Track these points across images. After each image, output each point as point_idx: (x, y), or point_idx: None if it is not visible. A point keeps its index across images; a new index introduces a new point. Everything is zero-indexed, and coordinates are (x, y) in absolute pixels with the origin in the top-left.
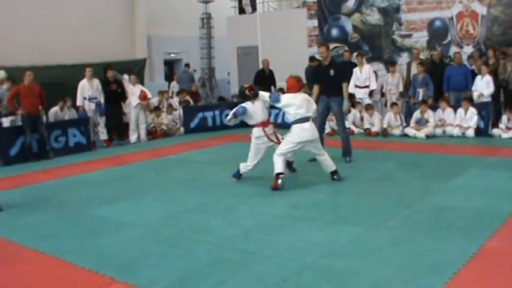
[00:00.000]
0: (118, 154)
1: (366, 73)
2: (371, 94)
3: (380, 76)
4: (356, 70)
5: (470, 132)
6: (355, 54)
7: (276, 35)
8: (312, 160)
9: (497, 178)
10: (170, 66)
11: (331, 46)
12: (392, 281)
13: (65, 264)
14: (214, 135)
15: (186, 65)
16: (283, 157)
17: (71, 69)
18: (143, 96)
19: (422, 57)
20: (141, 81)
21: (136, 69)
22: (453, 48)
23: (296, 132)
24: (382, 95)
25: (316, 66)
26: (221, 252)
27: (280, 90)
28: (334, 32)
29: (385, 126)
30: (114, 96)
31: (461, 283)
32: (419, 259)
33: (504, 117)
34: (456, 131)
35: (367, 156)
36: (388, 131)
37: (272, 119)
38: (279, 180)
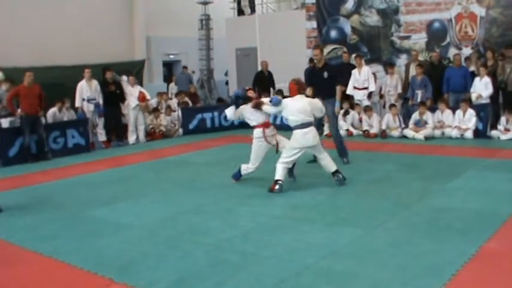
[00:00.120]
0: (117, 155)
1: (365, 75)
2: (370, 96)
3: (379, 78)
4: (355, 72)
5: (469, 134)
6: (353, 55)
7: (275, 37)
8: (310, 161)
9: (496, 180)
10: (169, 68)
11: (329, 47)
12: (391, 282)
13: (64, 265)
14: (212, 136)
15: (184, 67)
16: (287, 165)
17: (70, 70)
18: (142, 97)
19: (421, 58)
20: (140, 82)
21: (135, 70)
22: (452, 50)
23: (297, 139)
24: (380, 96)
25: (311, 69)
26: (220, 253)
27: (279, 91)
28: (333, 33)
29: (383, 127)
30: (113, 98)
31: (460, 284)
32: (418, 260)
33: (503, 119)
34: (455, 133)
35: (366, 158)
36: (387, 133)
37: (271, 120)
38: (277, 186)
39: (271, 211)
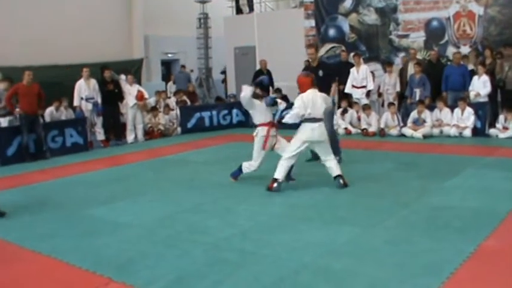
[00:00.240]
0: (115, 154)
1: (363, 73)
2: (368, 94)
3: (377, 76)
4: (353, 70)
5: (467, 132)
6: (352, 54)
7: (273, 35)
8: (309, 160)
9: (494, 178)
10: (167, 67)
11: (328, 46)
12: (389, 280)
13: (62, 264)
14: (211, 135)
15: (182, 66)
16: (291, 162)
17: (68, 69)
18: (140, 96)
19: (419, 57)
20: (138, 81)
21: (134, 69)
22: (450, 49)
23: (303, 131)
24: (379, 95)
25: (305, 67)
26: (218, 252)
27: (278, 90)
28: (331, 32)
29: (382, 126)
30: (111, 97)
31: (458, 283)
32: (416, 259)
33: (501, 117)
34: (453, 131)
35: (364, 157)
36: (385, 131)
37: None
38: (275, 184)
39: (270, 210)
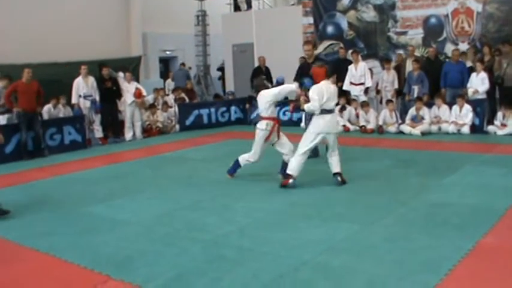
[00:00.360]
0: (113, 152)
1: (361, 70)
2: (366, 91)
3: (375, 73)
4: (351, 67)
5: (466, 129)
6: (350, 51)
7: (271, 32)
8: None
9: (493, 175)
10: (165, 64)
11: (326, 43)
12: (387, 277)
13: (61, 262)
14: (209, 132)
15: (182, 63)
16: (305, 157)
17: (66, 66)
18: (138, 93)
19: (418, 54)
20: (137, 78)
21: (132, 66)
22: (448, 46)
23: (317, 124)
24: (377, 92)
25: (302, 64)
26: (217, 249)
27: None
28: (330, 29)
29: (380, 123)
30: (110, 94)
31: (457, 280)
32: (414, 256)
33: (499, 114)
34: (451, 128)
35: (362, 154)
36: (384, 128)
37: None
38: (290, 180)
39: (268, 207)
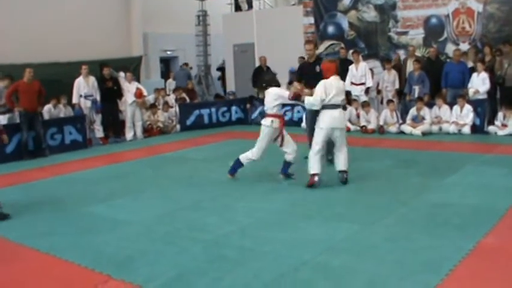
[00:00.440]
0: (114, 152)
1: (362, 70)
2: (367, 91)
3: (376, 73)
4: (352, 67)
5: (467, 129)
6: (351, 51)
7: (272, 32)
8: (307, 157)
9: (493, 175)
10: (166, 64)
11: (327, 43)
12: (388, 277)
13: (62, 262)
14: (210, 132)
15: (185, 63)
16: (320, 153)
17: (67, 66)
18: (139, 93)
19: (418, 54)
20: (137, 78)
21: (132, 66)
22: (449, 46)
23: (325, 119)
24: (378, 92)
25: (302, 63)
26: (218, 249)
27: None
28: (330, 29)
29: (381, 123)
30: (110, 94)
31: (458, 280)
32: (415, 256)
33: (500, 114)
34: (452, 128)
35: (363, 154)
36: (385, 128)
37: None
38: (316, 178)
39: (269, 207)
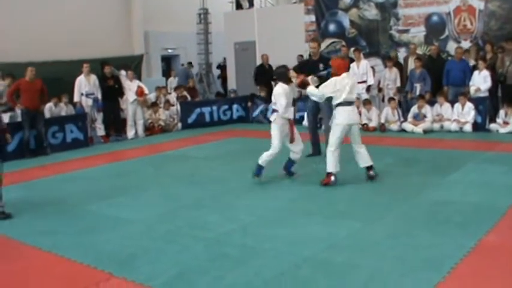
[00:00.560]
0: (115, 150)
1: (363, 68)
2: (368, 89)
3: (377, 71)
4: (353, 65)
5: (468, 127)
6: (352, 49)
7: (273, 30)
8: (309, 155)
9: (495, 173)
10: (167, 62)
11: (328, 41)
12: (389, 274)
13: (63, 260)
14: (211, 130)
15: (189, 63)
16: (337, 152)
17: (68, 65)
18: (140, 92)
19: (420, 52)
20: (139, 77)
21: (134, 64)
22: (451, 43)
23: (342, 116)
24: (379, 90)
25: (305, 61)
26: (219, 247)
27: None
28: (332, 27)
29: (382, 121)
30: (112, 92)
31: (459, 277)
32: (416, 253)
33: (502, 112)
34: (454, 126)
35: None
36: (386, 126)
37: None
38: (332, 178)
39: (270, 205)
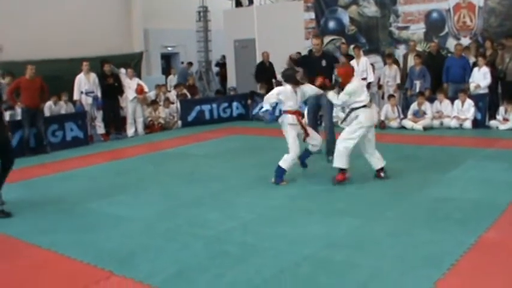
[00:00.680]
0: (115, 148)
1: (363, 65)
2: (368, 86)
3: (377, 68)
4: (353, 62)
5: (468, 124)
6: (352, 46)
7: (273, 28)
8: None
9: (495, 169)
10: (167, 60)
11: (328, 38)
12: (390, 272)
13: (64, 258)
14: (211, 128)
15: (189, 62)
16: (350, 147)
17: (68, 63)
18: (140, 89)
19: (419, 49)
20: (138, 74)
21: (133, 62)
22: (450, 40)
23: (366, 117)
24: (379, 87)
25: (306, 56)
26: (219, 245)
27: (278, 83)
28: (331, 24)
29: (382, 118)
30: (111, 90)
31: (459, 274)
32: (417, 250)
33: (501, 109)
34: (453, 123)
35: None
36: (386, 123)
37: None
38: (347, 174)
39: (270, 202)
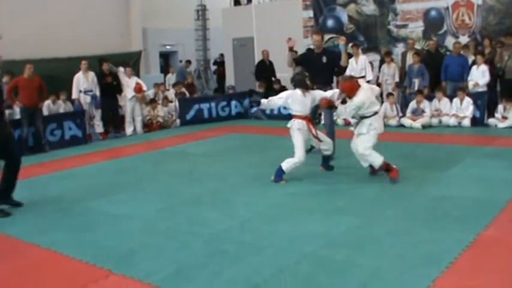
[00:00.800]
0: (114, 147)
1: (362, 64)
2: None
3: (376, 67)
4: (352, 61)
5: (466, 122)
6: (350, 44)
7: (271, 26)
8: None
9: (493, 167)
10: (166, 59)
11: (326, 37)
12: (389, 271)
13: (62, 257)
14: (210, 127)
15: (187, 61)
16: (371, 148)
17: (66, 62)
18: (138, 88)
19: (418, 47)
20: (137, 73)
21: (132, 61)
22: (449, 38)
23: (380, 123)
24: (378, 85)
25: (306, 53)
26: (218, 243)
27: (277, 81)
28: (330, 22)
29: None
30: (110, 89)
31: (458, 272)
32: (416, 249)
33: (500, 107)
34: (452, 121)
35: None
36: (384, 122)
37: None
38: (394, 166)
39: (269, 201)
